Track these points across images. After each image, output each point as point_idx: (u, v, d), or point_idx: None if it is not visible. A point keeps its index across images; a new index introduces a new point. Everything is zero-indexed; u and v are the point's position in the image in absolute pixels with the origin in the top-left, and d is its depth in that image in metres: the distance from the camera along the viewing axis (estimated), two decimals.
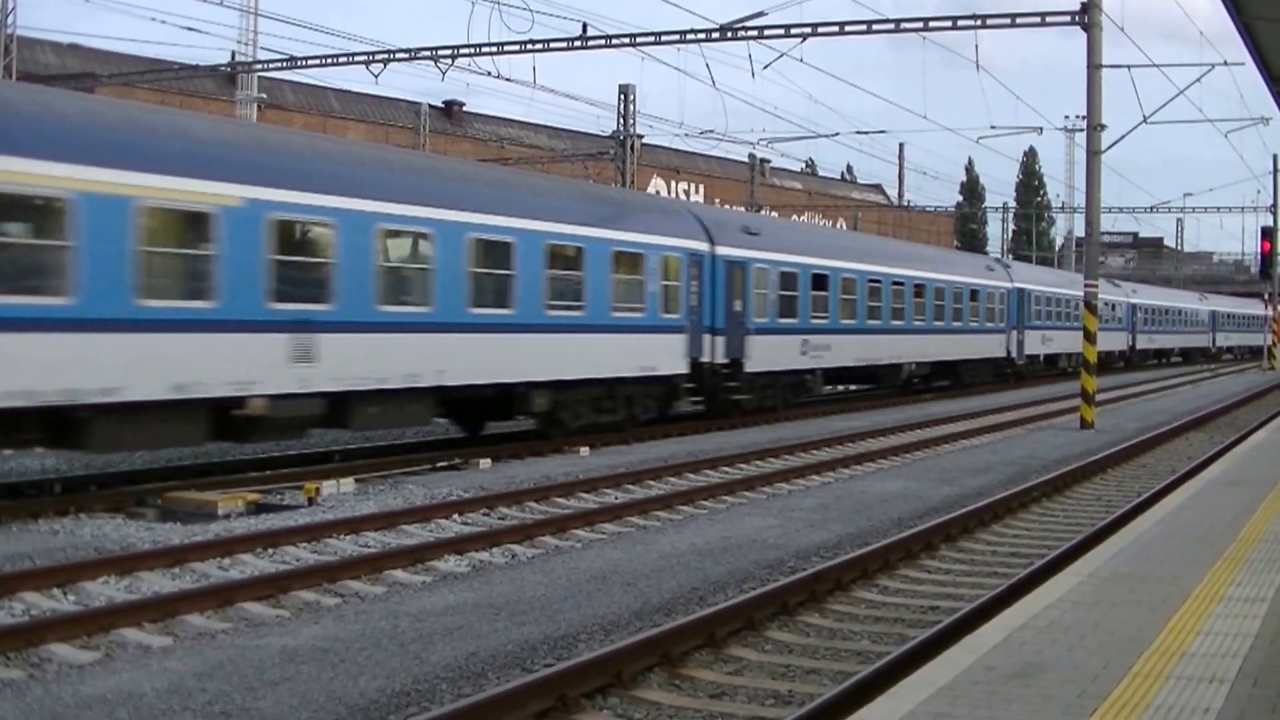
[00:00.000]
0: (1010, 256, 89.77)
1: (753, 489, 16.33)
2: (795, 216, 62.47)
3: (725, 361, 24.23)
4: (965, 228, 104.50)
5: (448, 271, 17.40)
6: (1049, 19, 26.03)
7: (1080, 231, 58.59)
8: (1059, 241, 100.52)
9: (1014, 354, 41.44)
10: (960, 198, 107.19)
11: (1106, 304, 47.21)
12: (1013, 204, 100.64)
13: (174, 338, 13.71)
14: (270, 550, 11.75)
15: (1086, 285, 25.34)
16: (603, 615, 9.29)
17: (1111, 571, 8.40)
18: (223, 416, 14.54)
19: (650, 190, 58.89)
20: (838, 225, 70.02)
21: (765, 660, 8.45)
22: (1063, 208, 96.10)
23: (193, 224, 14.13)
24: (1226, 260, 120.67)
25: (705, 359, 23.61)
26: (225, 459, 17.83)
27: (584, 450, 19.63)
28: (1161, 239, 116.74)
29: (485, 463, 17.80)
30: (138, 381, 13.26)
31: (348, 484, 15.33)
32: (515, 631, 8.77)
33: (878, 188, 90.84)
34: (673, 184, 67.01)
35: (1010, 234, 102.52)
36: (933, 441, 22.32)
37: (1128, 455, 20.58)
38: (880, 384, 34.38)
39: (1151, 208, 67.68)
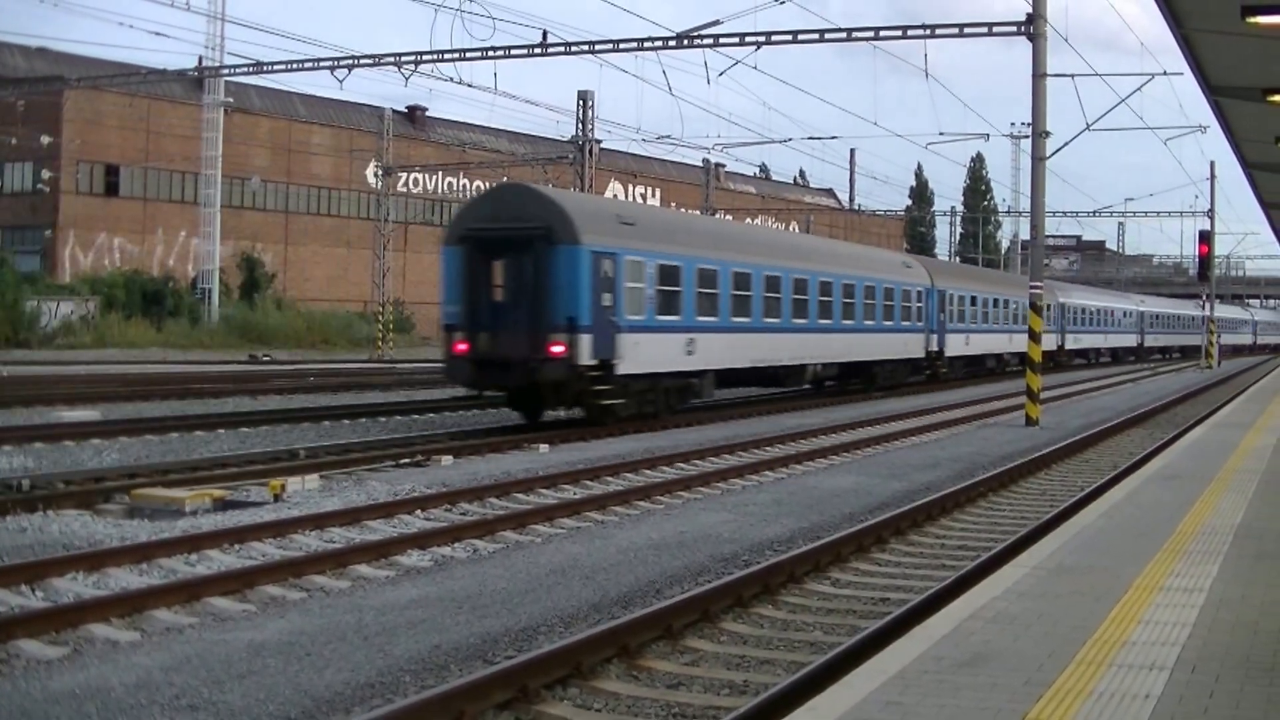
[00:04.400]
0: (958, 259, 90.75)
1: (708, 485, 16.51)
2: (749, 219, 62.81)
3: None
4: (914, 231, 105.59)
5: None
6: (995, 29, 26.48)
7: (1025, 235, 59.32)
8: (1005, 244, 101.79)
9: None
10: (910, 202, 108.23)
11: None
12: (960, 208, 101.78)
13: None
14: (237, 546, 11.77)
15: (1032, 286, 25.87)
16: (562, 608, 9.44)
17: (1056, 564, 8.63)
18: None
19: (608, 194, 58.93)
20: (790, 228, 70.48)
21: (721, 651, 8.60)
22: (1009, 211, 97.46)
23: None
24: (1166, 263, 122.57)
25: None
26: (191, 457, 17.78)
27: (543, 447, 19.76)
28: (1104, 242, 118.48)
29: (447, 459, 17.88)
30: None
31: (312, 480, 15.36)
32: (477, 624, 8.88)
33: (830, 192, 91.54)
34: (630, 188, 67.20)
35: (958, 237, 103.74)
36: (882, 438, 22.61)
37: (1071, 451, 20.99)
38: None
39: (1094, 212, 68.48)
